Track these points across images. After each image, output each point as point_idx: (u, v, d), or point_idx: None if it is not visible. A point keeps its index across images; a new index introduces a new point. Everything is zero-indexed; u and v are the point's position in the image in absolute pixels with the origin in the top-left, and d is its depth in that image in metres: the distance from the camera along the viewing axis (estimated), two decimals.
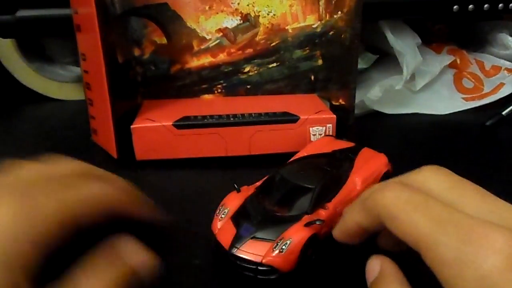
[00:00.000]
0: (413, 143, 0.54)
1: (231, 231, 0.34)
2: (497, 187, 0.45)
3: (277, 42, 0.55)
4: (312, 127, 0.49)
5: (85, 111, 0.61)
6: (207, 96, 0.56)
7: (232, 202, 0.36)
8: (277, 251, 0.32)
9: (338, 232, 0.30)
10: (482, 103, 0.60)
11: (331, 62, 0.55)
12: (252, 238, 0.33)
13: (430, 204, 0.22)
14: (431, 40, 0.69)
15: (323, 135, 0.49)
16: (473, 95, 0.62)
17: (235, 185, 0.36)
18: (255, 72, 0.56)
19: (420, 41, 0.62)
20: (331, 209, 0.36)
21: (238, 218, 0.35)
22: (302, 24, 0.54)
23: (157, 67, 0.54)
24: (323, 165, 0.39)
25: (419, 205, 0.22)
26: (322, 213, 0.36)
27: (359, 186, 0.39)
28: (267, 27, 0.54)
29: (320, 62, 0.56)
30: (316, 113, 0.49)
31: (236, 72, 0.55)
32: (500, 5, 0.62)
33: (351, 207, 0.29)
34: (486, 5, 0.61)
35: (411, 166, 0.50)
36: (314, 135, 0.49)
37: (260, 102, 0.53)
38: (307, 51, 0.55)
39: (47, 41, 0.64)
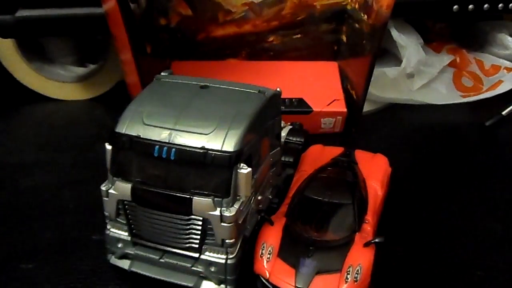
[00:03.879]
0: (413, 143, 0.61)
1: (288, 270, 0.35)
2: (497, 187, 0.51)
3: (303, 16, 0.62)
4: (324, 118, 0.58)
5: (85, 111, 0.66)
6: (232, 60, 0.64)
7: (273, 237, 0.37)
8: (351, 281, 0.33)
9: None
10: (480, 97, 0.65)
11: (354, 46, 0.62)
12: (317, 273, 0.34)
13: None
14: (432, 39, 0.74)
15: (332, 125, 0.57)
16: (472, 94, 0.67)
17: (266, 217, 0.38)
18: (279, 41, 0.63)
19: (422, 41, 0.68)
20: (371, 221, 0.39)
21: (288, 254, 0.36)
22: (331, 1, 0.61)
23: (183, 35, 0.62)
24: (339, 177, 0.43)
25: None
26: (368, 228, 0.39)
27: (380, 191, 0.44)
28: (294, 2, 0.61)
29: (344, 38, 0.63)
30: (329, 104, 0.58)
31: (260, 41, 0.63)
32: (500, 5, 0.69)
33: None
34: (486, 5, 0.68)
35: (412, 166, 0.56)
36: (324, 124, 0.58)
37: (279, 77, 0.61)
38: (333, 25, 0.62)
39: (47, 41, 0.68)
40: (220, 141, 0.34)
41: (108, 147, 0.36)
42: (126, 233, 0.37)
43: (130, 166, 0.35)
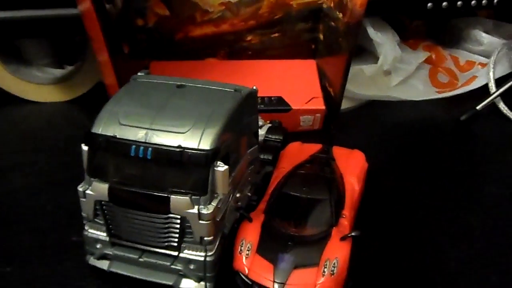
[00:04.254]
0: (390, 138, 0.63)
1: (267, 266, 0.35)
2: (472, 180, 0.53)
3: (280, 15, 0.63)
4: (303, 115, 0.58)
5: (62, 113, 0.66)
6: (211, 60, 0.65)
7: (251, 234, 0.38)
8: (327, 275, 0.34)
9: None
10: (455, 93, 0.67)
11: (330, 44, 0.63)
12: (294, 267, 0.35)
13: None
14: (408, 36, 0.76)
15: (311, 122, 0.57)
16: (448, 89, 0.69)
17: (245, 214, 0.39)
18: (257, 40, 0.64)
19: (399, 39, 0.69)
20: (348, 215, 0.40)
21: (266, 250, 0.36)
22: (308, 0, 0.62)
23: (161, 35, 0.63)
24: (316, 173, 0.44)
25: None
26: (345, 222, 0.39)
27: (357, 186, 0.44)
28: (271, 1, 0.62)
29: (321, 36, 0.64)
30: (307, 102, 0.59)
31: (238, 40, 0.64)
32: (473, 2, 0.71)
33: None
34: (459, 2, 0.70)
35: (389, 161, 0.57)
36: (303, 121, 0.59)
37: (258, 76, 0.62)
38: (310, 24, 0.64)
39: (23, 43, 0.68)
40: (196, 139, 0.34)
41: (84, 147, 0.36)
42: (105, 234, 0.37)
43: (107, 166, 0.35)
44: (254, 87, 0.40)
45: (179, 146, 0.34)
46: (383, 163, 0.55)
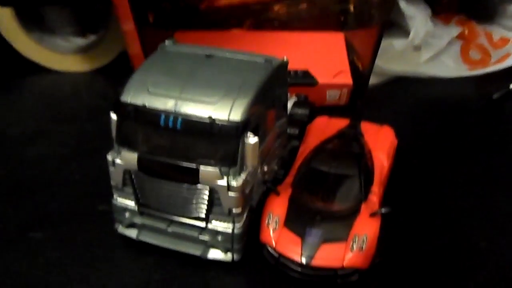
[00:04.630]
0: (419, 115, 0.62)
1: (295, 239, 0.35)
2: (502, 159, 0.52)
3: None
4: (329, 90, 0.57)
5: (86, 83, 0.66)
6: (236, 30, 0.64)
7: (279, 207, 0.37)
8: (356, 250, 0.34)
9: None
10: (487, 71, 0.65)
11: (361, 16, 0.62)
12: (323, 241, 0.35)
13: None
14: (440, 11, 0.73)
15: (338, 97, 0.57)
16: (479, 67, 0.67)
17: (273, 187, 0.39)
18: (284, 11, 0.63)
19: (431, 12, 0.67)
20: (377, 192, 0.40)
21: (294, 223, 0.36)
22: None
23: (186, 4, 0.62)
24: (345, 148, 0.43)
25: None
26: (374, 199, 0.39)
27: (386, 163, 0.44)
28: None
29: (351, 8, 0.63)
30: (335, 76, 0.57)
31: (265, 11, 0.63)
32: None
33: None
34: None
35: (417, 138, 0.56)
36: (330, 96, 0.58)
37: (284, 48, 0.59)
38: None
39: (47, 11, 0.68)
40: (227, 110, 0.34)
41: (114, 116, 0.36)
42: (133, 203, 0.38)
43: (136, 136, 0.36)
44: (285, 58, 0.39)
45: (210, 117, 0.33)
46: (411, 139, 0.54)
